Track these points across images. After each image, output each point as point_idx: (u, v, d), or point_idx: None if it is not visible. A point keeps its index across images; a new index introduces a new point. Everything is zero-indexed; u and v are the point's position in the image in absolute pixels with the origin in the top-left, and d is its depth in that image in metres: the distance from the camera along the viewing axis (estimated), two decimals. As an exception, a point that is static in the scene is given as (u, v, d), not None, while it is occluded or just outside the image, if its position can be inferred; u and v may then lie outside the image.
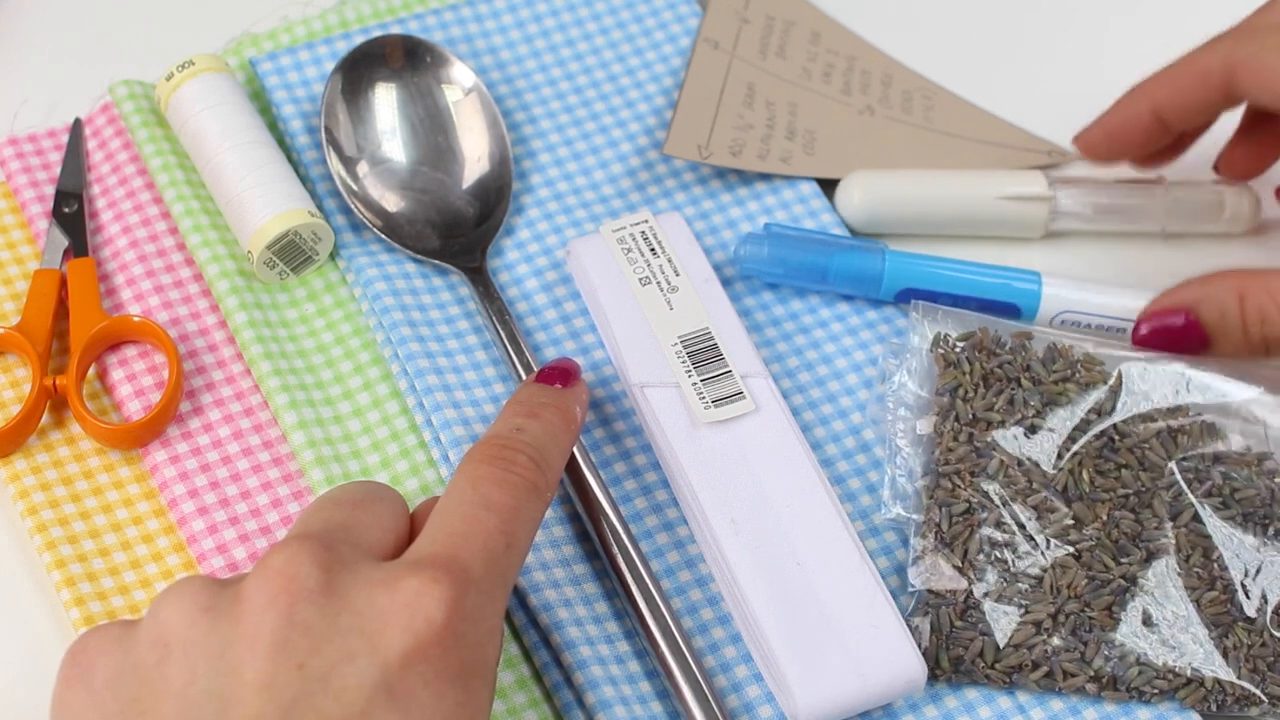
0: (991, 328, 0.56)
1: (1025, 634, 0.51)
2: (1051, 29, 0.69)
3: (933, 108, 0.64)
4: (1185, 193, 0.61)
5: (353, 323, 0.57)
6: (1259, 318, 0.54)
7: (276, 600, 0.41)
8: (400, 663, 0.40)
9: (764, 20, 0.65)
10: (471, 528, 0.44)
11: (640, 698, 0.50)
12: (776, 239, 0.57)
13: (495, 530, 0.44)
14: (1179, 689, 0.50)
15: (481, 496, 0.45)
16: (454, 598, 0.41)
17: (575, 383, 0.51)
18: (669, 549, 0.53)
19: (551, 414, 0.49)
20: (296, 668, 0.40)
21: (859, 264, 0.57)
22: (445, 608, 0.41)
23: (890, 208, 0.60)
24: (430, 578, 0.41)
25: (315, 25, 0.63)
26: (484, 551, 0.43)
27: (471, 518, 0.44)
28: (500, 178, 0.59)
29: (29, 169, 0.59)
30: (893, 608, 0.50)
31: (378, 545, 0.44)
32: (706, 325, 0.55)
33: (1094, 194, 0.61)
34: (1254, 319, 0.54)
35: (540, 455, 0.47)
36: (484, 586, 0.43)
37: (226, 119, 0.58)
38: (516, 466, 0.46)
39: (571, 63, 0.63)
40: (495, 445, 0.46)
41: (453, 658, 0.41)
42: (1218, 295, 0.54)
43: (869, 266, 0.57)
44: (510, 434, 0.47)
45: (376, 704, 0.40)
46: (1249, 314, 0.54)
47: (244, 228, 0.56)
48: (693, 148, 0.59)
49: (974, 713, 0.51)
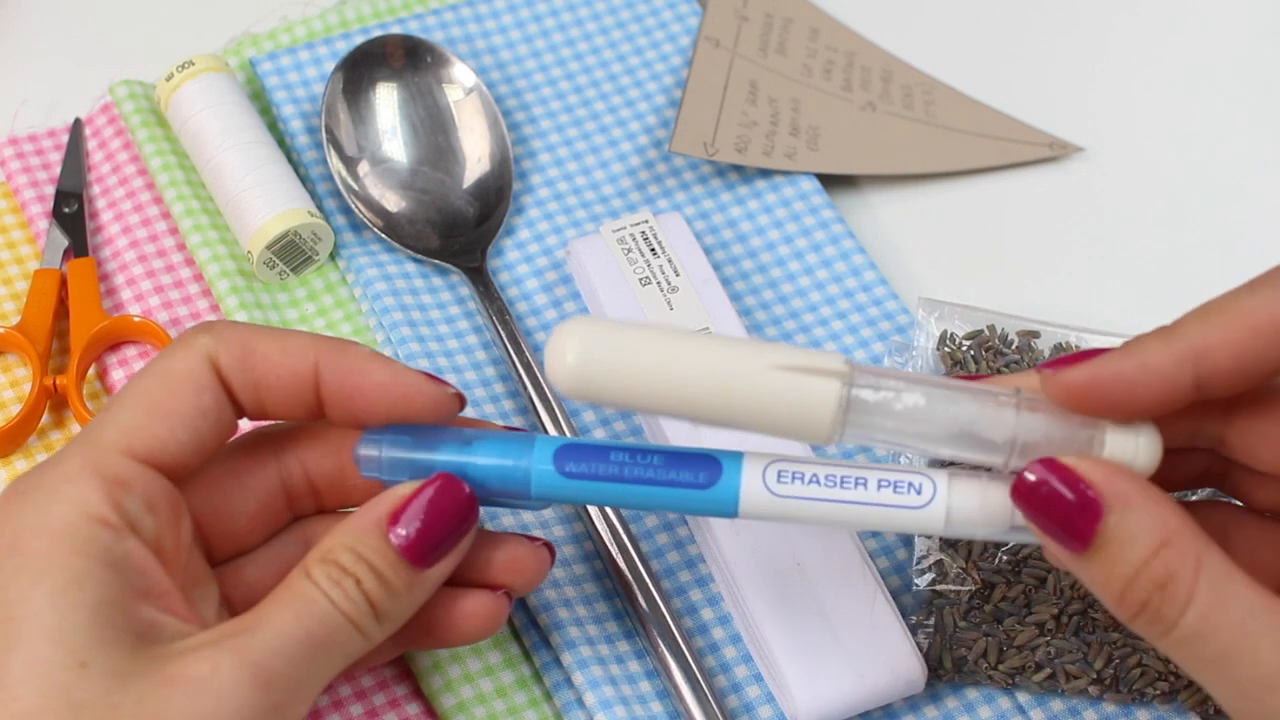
0: (998, 325, 0.55)
1: (1028, 635, 0.50)
2: (1051, 25, 0.68)
3: (933, 102, 0.64)
4: (1045, 421, 0.43)
5: (353, 323, 0.57)
6: (1163, 577, 0.40)
7: None
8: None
9: (763, 18, 0.65)
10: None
11: (640, 698, 0.50)
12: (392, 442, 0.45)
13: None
14: (1180, 691, 0.50)
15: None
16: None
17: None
18: (669, 549, 0.53)
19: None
20: None
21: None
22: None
23: (616, 374, 0.42)
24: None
25: (315, 25, 0.63)
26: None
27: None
28: (500, 178, 0.59)
29: (29, 169, 0.59)
30: (893, 608, 0.50)
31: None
32: (707, 325, 0.55)
33: (910, 394, 0.43)
34: (1156, 574, 0.40)
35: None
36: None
37: (226, 119, 0.58)
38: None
39: (571, 63, 0.63)
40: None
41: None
42: (1137, 523, 0.40)
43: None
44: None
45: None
46: (1154, 566, 0.40)
47: (244, 228, 0.56)
48: (698, 145, 0.59)
49: (974, 713, 0.50)
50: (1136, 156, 0.64)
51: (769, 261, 0.59)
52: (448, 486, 0.44)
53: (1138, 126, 0.65)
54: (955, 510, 0.43)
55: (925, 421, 0.43)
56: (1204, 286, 0.45)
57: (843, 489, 0.43)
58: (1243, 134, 0.65)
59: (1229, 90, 0.66)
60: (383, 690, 0.50)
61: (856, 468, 0.44)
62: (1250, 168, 0.64)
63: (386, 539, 0.43)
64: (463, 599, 0.46)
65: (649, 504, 0.45)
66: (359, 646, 0.43)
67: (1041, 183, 0.64)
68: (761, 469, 0.44)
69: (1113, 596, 0.41)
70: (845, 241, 0.60)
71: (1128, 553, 0.40)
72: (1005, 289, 0.61)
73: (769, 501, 0.44)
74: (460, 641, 0.47)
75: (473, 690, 0.50)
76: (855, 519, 0.44)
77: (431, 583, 0.44)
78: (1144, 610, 0.40)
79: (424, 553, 0.43)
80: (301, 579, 0.42)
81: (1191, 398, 0.41)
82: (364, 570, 0.42)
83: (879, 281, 0.59)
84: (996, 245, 0.62)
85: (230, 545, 0.46)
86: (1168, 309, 0.45)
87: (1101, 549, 0.40)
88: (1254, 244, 0.62)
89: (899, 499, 0.43)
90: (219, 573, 0.45)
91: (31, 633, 0.39)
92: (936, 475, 0.43)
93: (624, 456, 0.44)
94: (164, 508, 0.42)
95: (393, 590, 0.43)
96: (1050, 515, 0.41)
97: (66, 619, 0.39)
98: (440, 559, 0.44)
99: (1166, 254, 0.62)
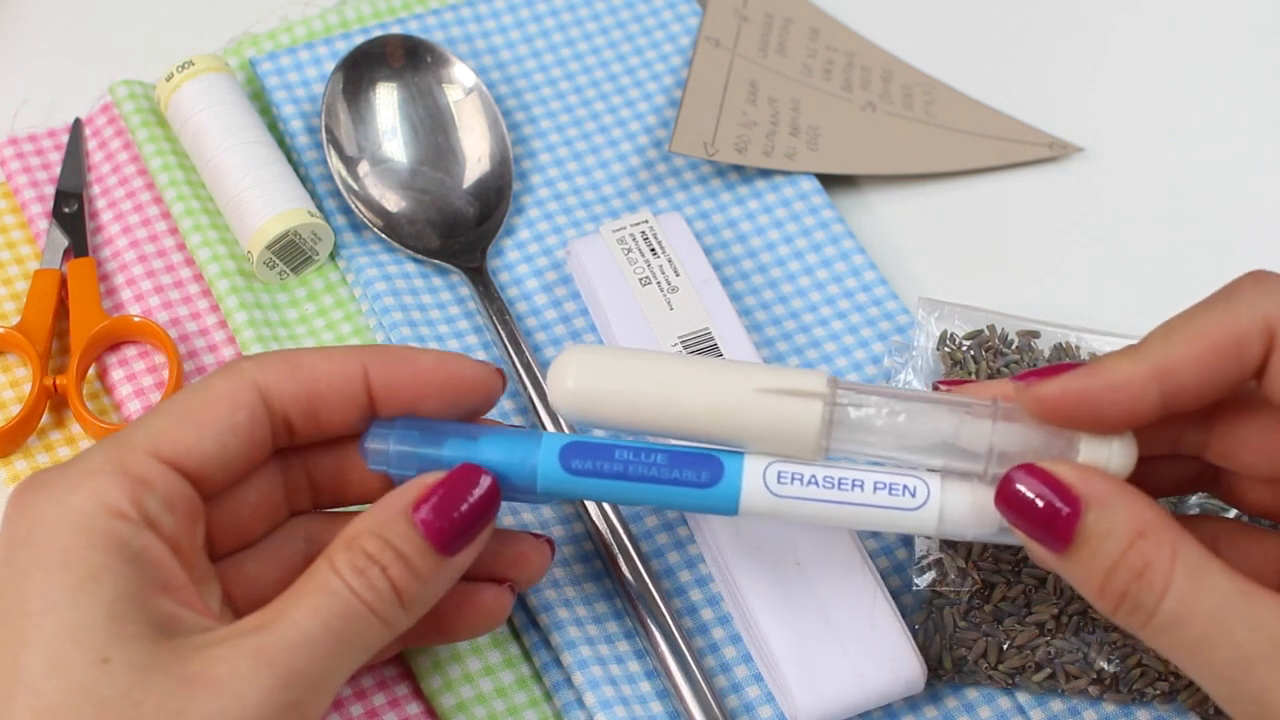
0: (998, 325, 0.55)
1: (1029, 635, 0.50)
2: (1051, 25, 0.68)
3: (933, 102, 0.64)
4: (1022, 430, 0.45)
5: (353, 323, 0.57)
6: (1140, 566, 0.41)
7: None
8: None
9: (763, 18, 0.65)
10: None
11: (640, 698, 0.50)
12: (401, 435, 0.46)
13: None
14: (1180, 691, 0.50)
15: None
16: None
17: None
18: (669, 549, 0.53)
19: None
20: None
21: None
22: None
23: (612, 399, 0.45)
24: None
25: (315, 25, 0.63)
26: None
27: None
28: (500, 178, 0.59)
29: (29, 169, 0.59)
30: (893, 608, 0.50)
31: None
32: (707, 325, 0.55)
33: (891, 409, 0.45)
34: (1133, 564, 0.41)
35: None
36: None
37: (226, 119, 0.58)
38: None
39: (571, 63, 0.63)
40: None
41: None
42: (1114, 518, 0.42)
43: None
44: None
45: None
46: (1131, 557, 0.41)
47: (244, 228, 0.56)
48: (698, 145, 0.59)
49: (974, 713, 0.50)
50: (1136, 156, 0.64)
51: (769, 261, 0.59)
52: (473, 474, 0.44)
53: (1138, 126, 0.65)
54: (947, 513, 0.45)
55: (906, 435, 0.45)
56: (1204, 286, 0.45)
57: (840, 490, 0.45)
58: (1243, 134, 0.65)
59: (1229, 90, 0.66)
60: (383, 690, 0.50)
61: (854, 470, 0.45)
62: (1250, 168, 0.64)
63: (414, 525, 0.43)
64: (470, 592, 0.47)
65: (651, 501, 0.46)
66: (381, 637, 0.43)
67: (1041, 183, 0.64)
68: (762, 469, 0.45)
69: (1094, 590, 0.42)
70: (845, 241, 0.60)
71: (1106, 546, 0.42)
72: (1005, 289, 0.61)
73: (769, 501, 0.45)
74: (466, 635, 0.47)
75: (473, 690, 0.50)
76: (852, 519, 0.45)
77: (455, 571, 0.44)
78: (1124, 600, 0.42)
79: (450, 539, 0.43)
80: (325, 569, 0.42)
81: (1160, 412, 0.43)
82: (390, 556, 0.42)
83: (879, 281, 0.59)
84: (996, 245, 0.62)
85: (231, 540, 0.46)
86: (1168, 309, 0.45)
87: (1081, 546, 0.42)
88: (1254, 244, 0.62)
89: (894, 501, 0.45)
90: (219, 568, 0.45)
91: (52, 628, 0.39)
92: (930, 479, 0.45)
93: (628, 454, 0.45)
94: (183, 509, 0.43)
95: (420, 576, 0.43)
96: (1032, 519, 0.43)
97: (86, 614, 0.40)
98: (465, 546, 0.44)
99: (1166, 254, 0.62)
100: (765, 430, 0.45)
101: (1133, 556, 0.41)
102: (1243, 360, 0.42)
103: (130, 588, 0.40)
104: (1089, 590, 0.42)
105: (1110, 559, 0.41)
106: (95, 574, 0.40)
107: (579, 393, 0.45)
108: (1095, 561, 0.42)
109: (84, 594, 0.40)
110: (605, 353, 0.46)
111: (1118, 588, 0.41)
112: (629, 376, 0.45)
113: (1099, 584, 0.42)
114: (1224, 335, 0.42)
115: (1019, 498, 0.43)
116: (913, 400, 0.45)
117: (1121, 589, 0.41)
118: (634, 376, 0.45)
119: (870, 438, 0.45)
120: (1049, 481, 0.42)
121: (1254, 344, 0.42)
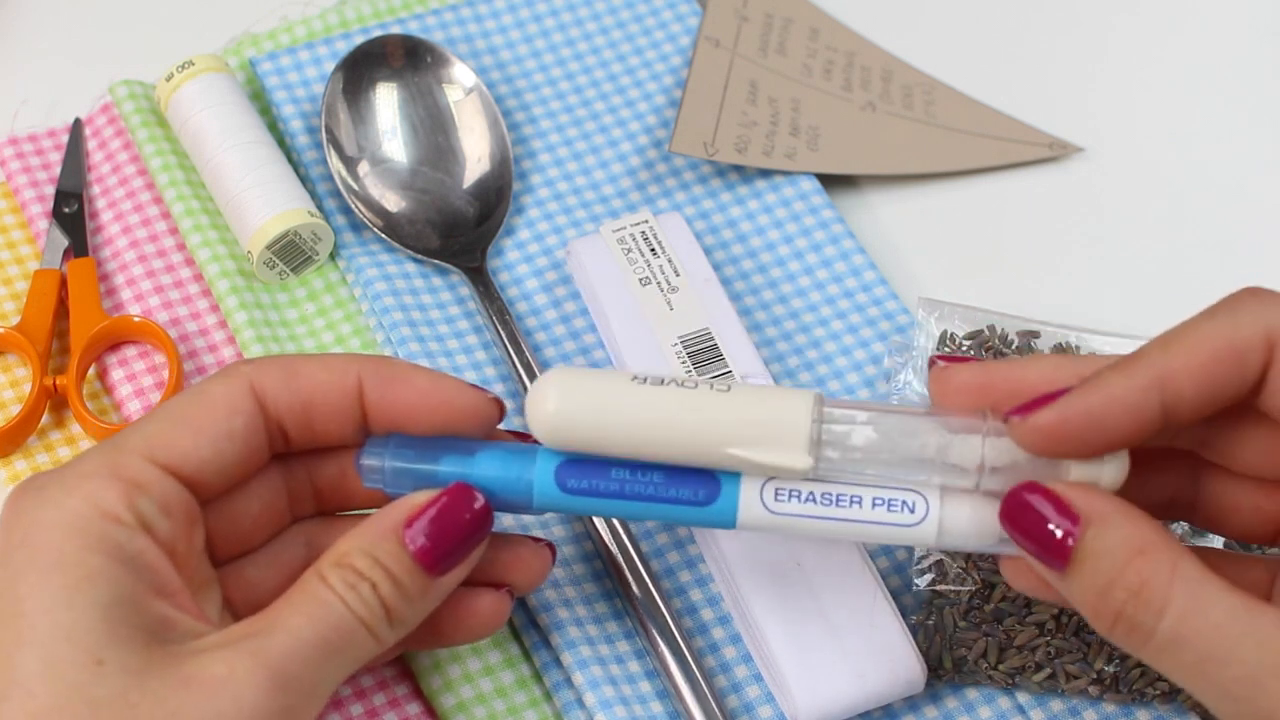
0: (998, 325, 0.55)
1: (1028, 635, 0.50)
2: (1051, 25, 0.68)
3: (933, 102, 0.64)
4: (1012, 445, 0.43)
5: (353, 323, 0.57)
6: (1136, 584, 0.40)
7: None
8: None
9: (763, 18, 0.65)
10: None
11: (640, 698, 0.50)
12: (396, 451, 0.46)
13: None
14: (1180, 691, 0.50)
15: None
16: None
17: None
18: (669, 549, 0.53)
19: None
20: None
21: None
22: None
23: (592, 427, 0.44)
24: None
25: (315, 25, 0.63)
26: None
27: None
28: (500, 178, 0.59)
29: (29, 169, 0.59)
30: (893, 608, 0.50)
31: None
32: (707, 325, 0.55)
33: (876, 423, 0.44)
34: (1130, 582, 0.40)
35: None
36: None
37: (226, 119, 0.58)
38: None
39: (571, 63, 0.63)
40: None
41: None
42: (1113, 536, 0.41)
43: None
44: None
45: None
46: (1128, 575, 0.40)
47: (244, 228, 0.56)
48: (698, 145, 0.59)
49: (974, 713, 0.50)
50: (1136, 156, 0.64)
51: (769, 261, 0.59)
52: (464, 496, 0.44)
53: (1138, 126, 0.65)
54: (946, 528, 0.44)
55: (895, 454, 0.44)
56: (1204, 286, 0.45)
57: (838, 506, 0.45)
58: (1243, 134, 0.65)
59: (1229, 90, 0.66)
60: (383, 690, 0.50)
61: (852, 485, 0.45)
62: (1250, 168, 0.64)
63: (403, 545, 0.43)
64: (468, 597, 0.47)
65: (648, 518, 0.46)
66: (371, 650, 0.43)
67: (1041, 183, 0.64)
68: (759, 487, 0.45)
69: (1090, 609, 0.41)
70: (845, 241, 0.60)
71: (1104, 564, 0.41)
72: (1005, 289, 0.61)
73: (766, 518, 0.45)
74: (463, 640, 0.47)
75: (473, 690, 0.50)
76: (850, 534, 0.45)
77: (444, 589, 0.44)
78: (1120, 620, 0.40)
79: (438, 560, 0.43)
80: (316, 582, 0.42)
81: (1160, 426, 0.42)
82: (380, 575, 0.43)
83: (879, 281, 0.59)
84: (996, 245, 0.62)
85: (233, 546, 0.46)
86: (1168, 309, 0.45)
87: (1080, 564, 0.41)
88: (1254, 244, 0.62)
89: (893, 516, 0.44)
90: (220, 573, 0.45)
91: (46, 629, 0.39)
92: (929, 493, 0.45)
93: (624, 474, 0.45)
94: (179, 513, 0.43)
95: (407, 595, 0.43)
96: (1033, 536, 0.42)
97: (81, 616, 0.40)
98: (454, 567, 0.44)
99: (1166, 254, 0.62)
100: (752, 469, 0.44)
101: (1129, 574, 0.40)
102: (1243, 371, 0.41)
103: (125, 591, 0.40)
104: (1085, 609, 0.41)
105: (1107, 577, 0.40)
106: (90, 576, 0.40)
107: (558, 418, 0.44)
108: (1092, 580, 0.41)
109: (79, 596, 0.40)
110: (586, 376, 0.45)
111: (1112, 607, 0.40)
112: (608, 411, 0.44)
113: (1094, 603, 0.41)
114: (1224, 345, 0.41)
115: (1023, 517, 0.42)
116: (902, 416, 0.44)
117: (1116, 608, 0.40)
118: (613, 410, 0.44)
119: (858, 455, 0.44)
120: (1051, 499, 0.42)
121: (1254, 354, 0.41)
